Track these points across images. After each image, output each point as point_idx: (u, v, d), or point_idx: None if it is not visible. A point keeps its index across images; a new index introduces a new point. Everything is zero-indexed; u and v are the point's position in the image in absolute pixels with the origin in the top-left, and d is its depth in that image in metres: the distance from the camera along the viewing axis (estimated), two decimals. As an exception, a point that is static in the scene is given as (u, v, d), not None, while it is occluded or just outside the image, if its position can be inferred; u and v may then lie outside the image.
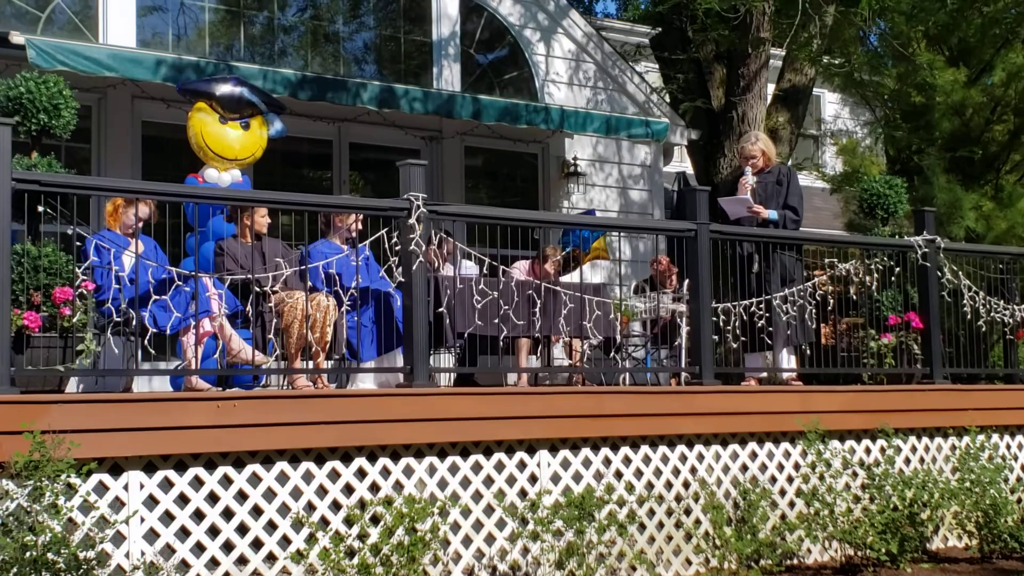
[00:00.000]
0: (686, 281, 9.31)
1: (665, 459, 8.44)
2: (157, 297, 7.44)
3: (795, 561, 8.51)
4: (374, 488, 7.27)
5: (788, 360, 9.75)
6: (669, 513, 8.25)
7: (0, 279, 6.31)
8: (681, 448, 8.52)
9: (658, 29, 16.42)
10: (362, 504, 7.16)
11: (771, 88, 15.77)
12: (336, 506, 7.13)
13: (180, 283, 7.50)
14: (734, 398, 8.82)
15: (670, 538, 8.22)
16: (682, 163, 19.47)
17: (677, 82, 15.45)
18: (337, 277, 8.39)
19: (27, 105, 7.08)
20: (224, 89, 9.07)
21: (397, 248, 7.83)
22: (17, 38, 9.69)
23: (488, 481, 7.71)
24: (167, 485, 6.63)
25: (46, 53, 9.55)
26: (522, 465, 7.87)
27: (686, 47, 15.29)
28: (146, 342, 7.16)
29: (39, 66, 9.24)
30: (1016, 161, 16.62)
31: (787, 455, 8.97)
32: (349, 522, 7.06)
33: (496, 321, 8.58)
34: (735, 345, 9.17)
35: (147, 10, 11.69)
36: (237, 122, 9.11)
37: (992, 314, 10.43)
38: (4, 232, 6.36)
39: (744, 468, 8.75)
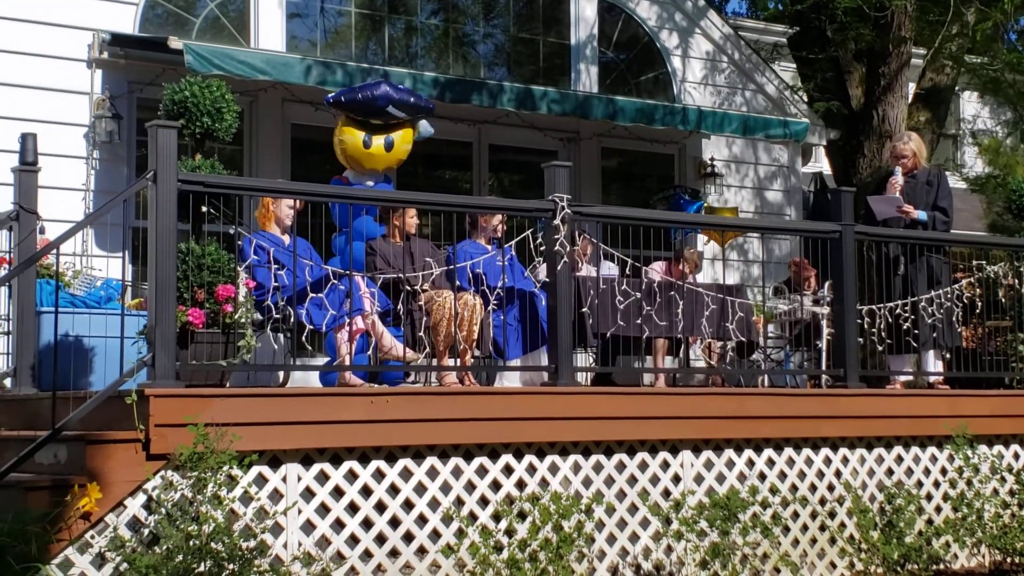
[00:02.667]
0: (826, 283, 9.23)
1: (809, 462, 8.40)
2: (313, 295, 7.65)
3: (941, 566, 8.39)
4: (520, 485, 7.37)
5: (934, 363, 9.61)
6: (813, 516, 8.21)
7: (167, 277, 6.52)
8: (825, 451, 8.47)
9: (795, 28, 16.27)
10: (509, 500, 7.27)
11: (911, 87, 15.51)
12: (484, 501, 7.25)
13: (335, 281, 7.70)
14: (879, 401, 8.73)
15: (814, 541, 8.18)
16: (818, 164, 19.25)
17: (815, 81, 15.29)
18: (483, 276, 8.52)
19: (191, 109, 7.31)
20: (372, 101, 9.21)
21: (541, 248, 7.93)
22: (175, 43, 10.02)
23: (632, 480, 7.76)
24: (323, 478, 6.80)
25: (203, 58, 9.86)
26: (665, 465, 7.91)
27: (824, 46, 15.12)
28: (303, 339, 7.37)
29: (195, 70, 9.53)
30: None
31: (933, 459, 8.84)
32: (497, 517, 7.17)
33: (639, 322, 8.62)
34: (880, 348, 9.07)
35: (294, 15, 11.98)
36: (381, 144, 9.29)
37: None
38: (171, 231, 6.58)
39: (889, 472, 8.66)
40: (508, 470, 7.36)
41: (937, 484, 8.78)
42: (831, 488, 8.39)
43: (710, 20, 14.34)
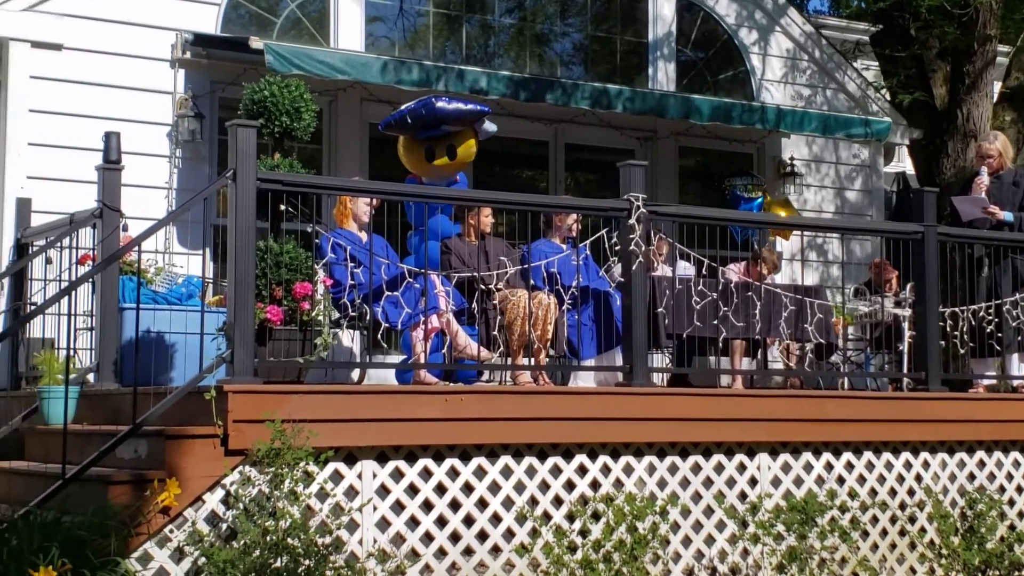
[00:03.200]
0: (908, 284, 9.09)
1: (889, 466, 8.27)
2: (389, 293, 7.68)
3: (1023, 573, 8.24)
4: (594, 485, 7.34)
5: (1019, 367, 9.43)
6: (893, 521, 8.09)
7: (246, 274, 6.58)
8: (906, 455, 8.34)
9: (878, 26, 16.05)
10: (583, 500, 7.25)
11: (997, 86, 15.23)
12: (558, 501, 7.23)
13: (410, 280, 7.73)
14: (962, 405, 8.59)
15: (894, 546, 8.06)
16: (901, 163, 18.97)
17: (898, 78, 15.07)
18: (558, 276, 8.50)
19: (271, 108, 7.39)
20: (422, 119, 9.18)
21: (616, 248, 7.90)
22: (256, 43, 10.12)
23: (708, 482, 7.70)
24: (398, 475, 6.83)
25: (283, 57, 9.95)
26: (742, 467, 7.84)
27: (908, 44, 14.91)
28: (378, 337, 7.41)
29: (275, 70, 9.61)
30: None
31: (1017, 465, 8.68)
32: (571, 518, 7.15)
33: (715, 323, 8.56)
34: (963, 351, 8.92)
35: (373, 15, 12.05)
36: (444, 155, 9.28)
37: None
38: (250, 229, 6.64)
39: (971, 477, 8.51)
40: (582, 470, 7.34)
41: (1020, 490, 8.61)
42: (911, 493, 8.26)
43: (790, 18, 14.19)
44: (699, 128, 13.01)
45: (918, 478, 8.33)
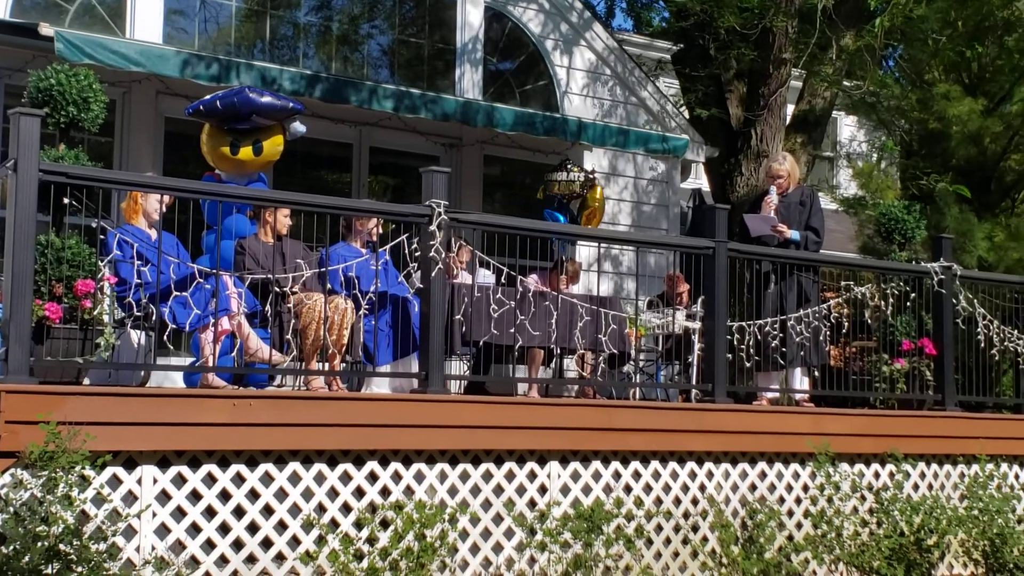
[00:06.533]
0: (700, 298, 9.32)
1: (675, 475, 8.45)
2: (177, 293, 7.46)
3: (800, 582, 8.51)
4: (385, 492, 7.29)
5: (800, 381, 9.77)
6: (677, 529, 8.26)
7: (24, 269, 6.36)
8: (691, 465, 8.53)
9: (679, 45, 16.44)
10: (373, 508, 7.18)
11: (790, 109, 15.78)
12: (347, 509, 7.15)
13: (200, 280, 7.52)
14: (746, 417, 8.84)
15: (676, 554, 8.23)
16: (698, 180, 19.48)
17: (696, 96, 15.46)
18: (356, 280, 8.41)
19: (57, 97, 7.10)
20: (234, 109, 8.99)
21: (417, 254, 7.86)
22: (46, 30, 9.71)
23: (498, 490, 7.73)
24: (180, 481, 6.65)
25: (74, 46, 9.58)
26: (532, 475, 7.89)
27: (707, 64, 15.32)
28: (164, 338, 7.18)
29: (66, 58, 9.25)
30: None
31: (796, 476, 8.97)
32: (359, 525, 7.08)
33: (512, 331, 8.60)
34: (748, 364, 9.18)
35: (173, 7, 11.72)
36: (250, 149, 9.10)
37: (1005, 343, 10.44)
38: (30, 223, 6.41)
39: (753, 488, 8.76)
40: (373, 477, 7.27)
41: (799, 501, 8.90)
42: (695, 502, 8.46)
43: (595, 32, 14.40)
44: (504, 137, 13.08)
45: (702, 488, 8.54)
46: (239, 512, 6.80)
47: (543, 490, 7.91)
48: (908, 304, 10.11)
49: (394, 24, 13.44)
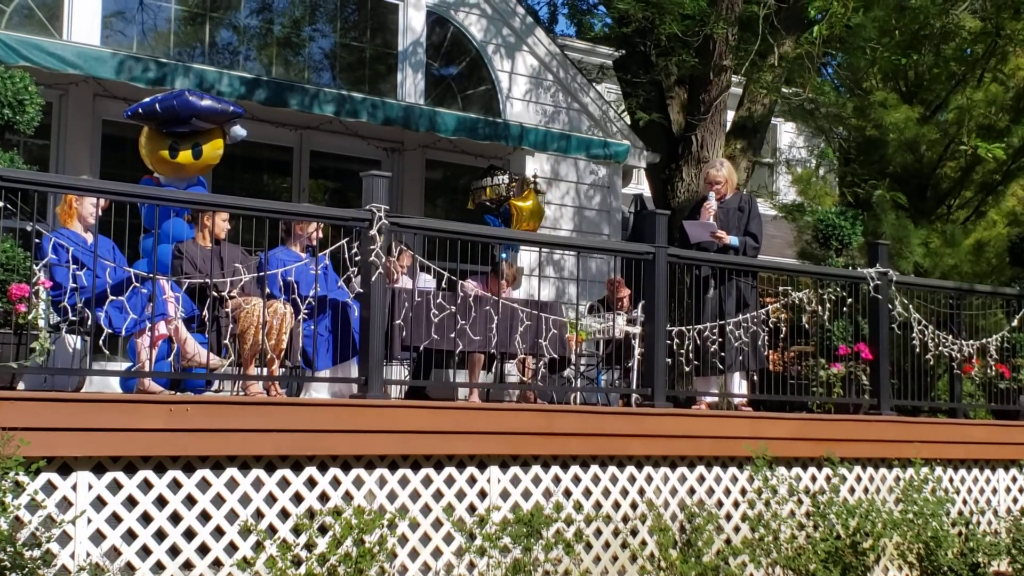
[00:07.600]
0: (640, 303, 9.36)
1: (614, 480, 8.49)
2: (113, 298, 7.39)
3: (738, 586, 8.57)
4: (324, 498, 7.26)
5: (739, 385, 9.84)
6: (616, 534, 8.30)
7: (-44, 273, 6.27)
8: (630, 469, 8.57)
9: (621, 51, 16.52)
10: (311, 513, 7.15)
11: (731, 115, 15.91)
12: (285, 515, 7.12)
13: (137, 284, 7.45)
14: (684, 421, 8.89)
15: (615, 558, 8.27)
16: (639, 185, 19.58)
17: (638, 101, 15.54)
18: (295, 285, 8.37)
19: (-9, 99, 7.02)
20: (173, 112, 8.92)
21: (357, 258, 7.84)
22: (-20, 31, 9.61)
23: (438, 495, 7.72)
24: (116, 487, 6.59)
25: (9, 47, 9.48)
26: (472, 480, 7.89)
27: (649, 70, 15.41)
28: (100, 342, 7.11)
29: (1, 61, 9.15)
30: (967, 198, 16.88)
31: (734, 480, 9.04)
32: (297, 531, 7.05)
33: (452, 336, 8.60)
34: (688, 369, 9.24)
35: (111, 9, 11.60)
36: (189, 153, 9.02)
37: (940, 348, 10.58)
38: (-38, 226, 6.32)
39: (691, 491, 8.82)
40: (312, 483, 7.24)
41: (737, 504, 8.97)
42: (635, 506, 8.50)
43: (536, 37, 14.44)
44: (446, 142, 13.09)
45: (641, 492, 8.58)
46: (175, 518, 6.75)
47: (483, 495, 7.91)
48: (845, 309, 10.22)
49: (336, 28, 13.39)
